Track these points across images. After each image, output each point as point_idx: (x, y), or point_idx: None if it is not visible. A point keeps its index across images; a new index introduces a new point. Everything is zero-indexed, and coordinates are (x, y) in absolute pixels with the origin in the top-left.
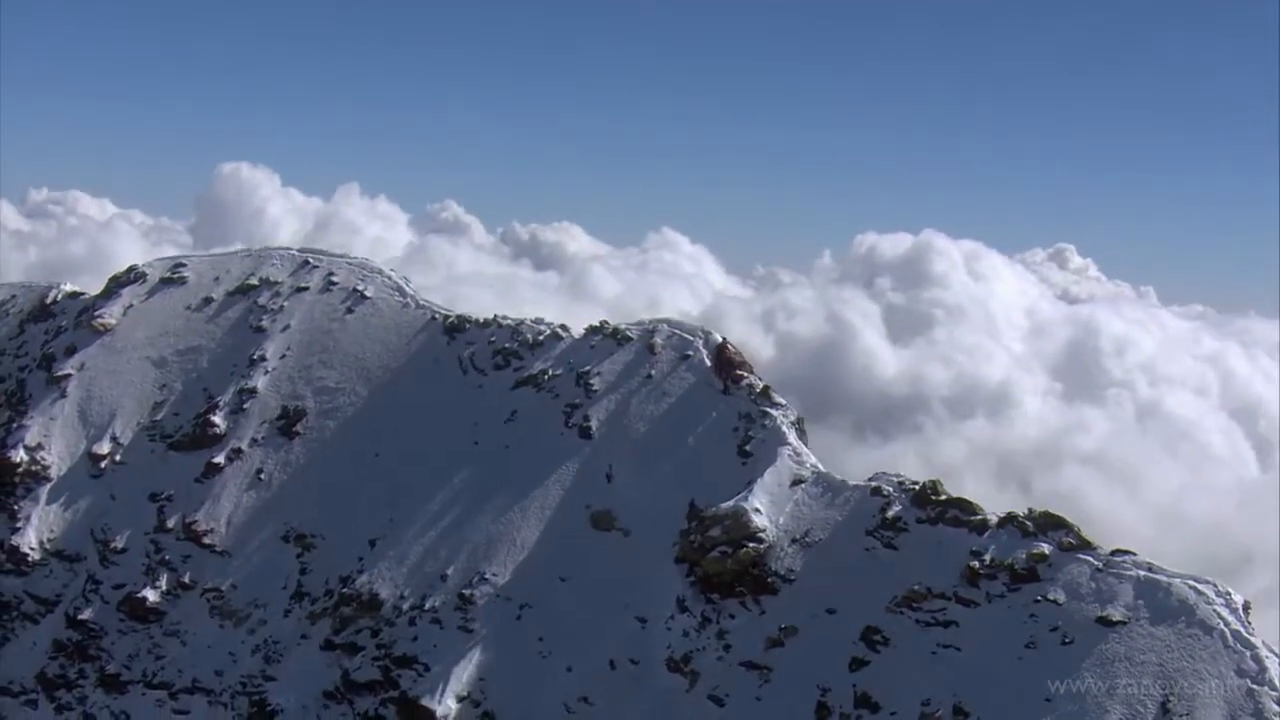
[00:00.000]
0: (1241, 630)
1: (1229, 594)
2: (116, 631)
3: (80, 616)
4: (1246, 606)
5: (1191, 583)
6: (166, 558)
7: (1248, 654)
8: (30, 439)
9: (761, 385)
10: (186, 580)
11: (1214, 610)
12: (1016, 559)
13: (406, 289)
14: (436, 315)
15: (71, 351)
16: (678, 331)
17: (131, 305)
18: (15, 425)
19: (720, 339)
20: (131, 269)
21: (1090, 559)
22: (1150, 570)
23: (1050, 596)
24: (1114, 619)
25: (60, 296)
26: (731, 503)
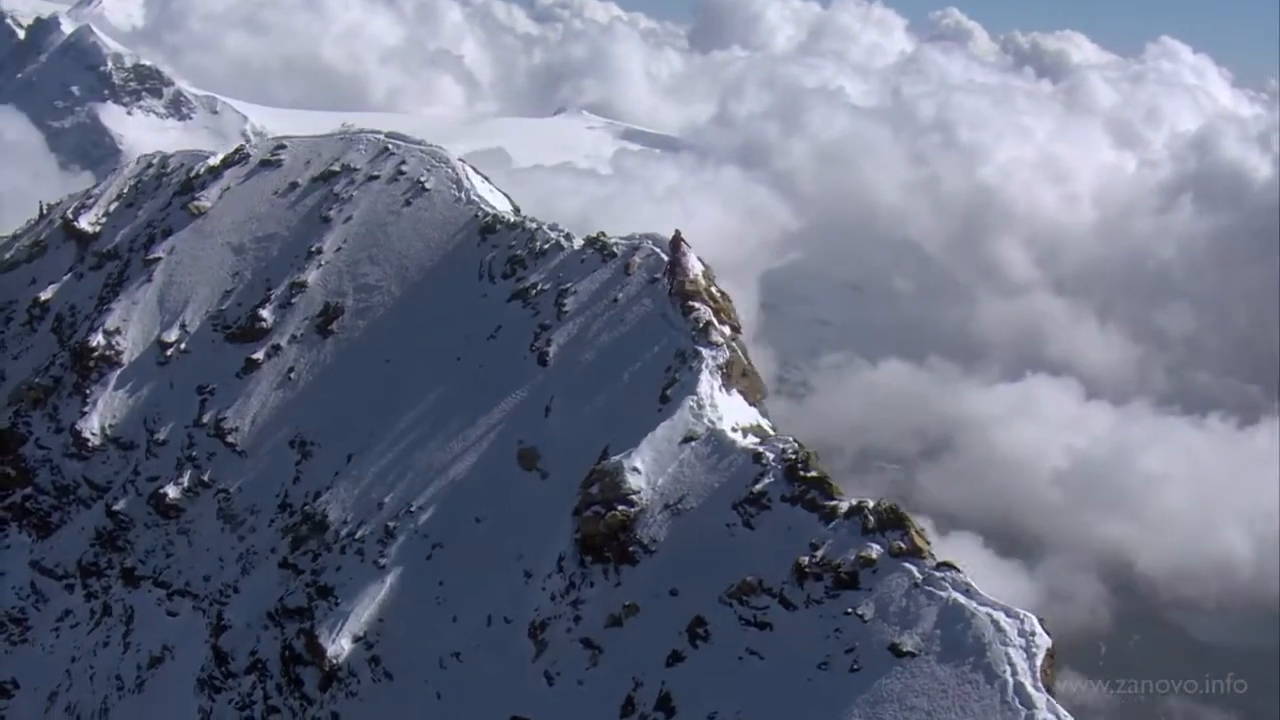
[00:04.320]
0: (1027, 683)
1: (1033, 635)
2: (143, 525)
3: (115, 507)
4: (1050, 654)
5: (1000, 615)
6: (194, 454)
7: (1023, 714)
8: (110, 323)
9: (704, 322)
10: (206, 479)
11: (1006, 654)
12: (845, 560)
13: (465, 181)
14: (479, 213)
15: (167, 234)
16: (656, 250)
17: (229, 188)
18: (104, 308)
19: (684, 264)
20: (239, 149)
21: (914, 569)
22: (967, 593)
23: (859, 610)
24: (904, 649)
25: (203, 171)
26: (615, 458)
